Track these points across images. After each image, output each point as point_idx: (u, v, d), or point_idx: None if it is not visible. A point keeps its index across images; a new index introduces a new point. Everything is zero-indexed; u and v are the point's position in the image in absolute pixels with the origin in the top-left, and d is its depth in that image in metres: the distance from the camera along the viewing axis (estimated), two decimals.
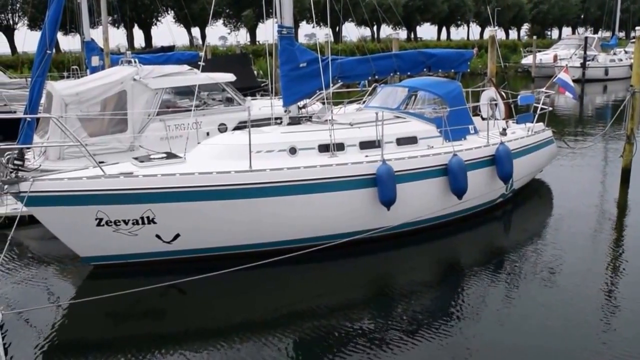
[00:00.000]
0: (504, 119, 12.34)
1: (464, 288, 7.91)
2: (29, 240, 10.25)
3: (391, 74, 11.40)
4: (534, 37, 57.18)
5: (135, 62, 12.71)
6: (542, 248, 9.31)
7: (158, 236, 8.55)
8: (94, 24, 22.25)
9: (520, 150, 11.30)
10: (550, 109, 12.74)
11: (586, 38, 41.64)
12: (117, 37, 42.35)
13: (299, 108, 10.76)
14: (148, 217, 8.33)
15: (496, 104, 12.24)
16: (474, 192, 10.08)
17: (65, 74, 24.04)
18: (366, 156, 9.35)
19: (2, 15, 44.49)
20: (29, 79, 20.45)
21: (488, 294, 7.68)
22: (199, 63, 11.25)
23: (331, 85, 10.34)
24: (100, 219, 8.23)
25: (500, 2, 66.18)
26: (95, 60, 18.61)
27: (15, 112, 16.80)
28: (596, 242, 9.55)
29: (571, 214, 10.95)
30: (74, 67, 23.28)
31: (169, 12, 51.69)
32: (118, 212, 8.23)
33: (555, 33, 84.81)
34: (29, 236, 10.28)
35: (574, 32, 78.84)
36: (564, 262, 8.68)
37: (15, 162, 9.08)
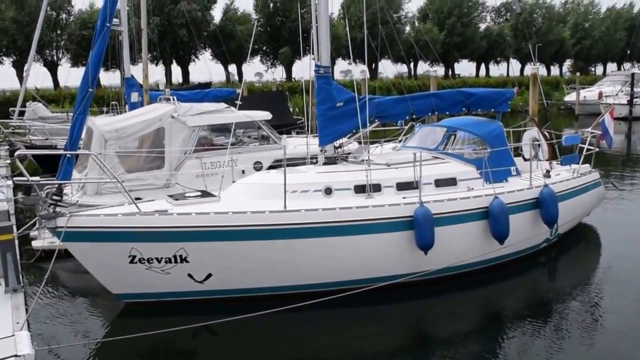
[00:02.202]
0: (547, 160, 11.94)
1: (506, 337, 7.53)
2: (65, 273, 10.30)
3: (429, 114, 11.20)
4: (577, 73, 56.11)
5: (173, 99, 12.89)
6: (588, 297, 8.85)
7: (190, 275, 8.46)
8: (134, 60, 22.84)
9: (566, 193, 10.86)
10: (597, 149, 12.27)
11: (633, 74, 40.44)
12: (155, 73, 43.61)
13: (335, 147, 10.65)
14: (181, 256, 8.26)
15: (539, 145, 11.87)
16: (516, 236, 9.68)
17: (105, 109, 24.64)
18: (403, 198, 9.11)
19: (47, 52, 46.16)
20: (70, 114, 21.01)
21: (531, 343, 7.29)
22: (237, 102, 11.29)
23: (368, 124, 10.21)
24: (134, 256, 8.22)
25: (542, 37, 65.37)
26: (134, 97, 19.00)
27: (56, 146, 17.27)
28: None
29: (620, 261, 10.40)
30: (113, 102, 23.88)
31: (207, 49, 52.88)
32: (152, 250, 8.19)
33: (599, 69, 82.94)
34: (64, 269, 10.32)
35: (619, 68, 76.76)
36: (612, 312, 8.19)
37: (54, 197, 9.17)
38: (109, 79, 35.50)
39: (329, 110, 10.08)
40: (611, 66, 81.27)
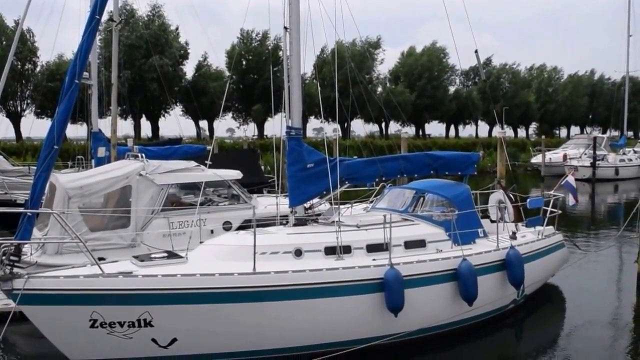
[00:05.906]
0: (513, 222, 12.11)
1: None
2: (19, 338, 9.73)
3: (398, 176, 11.35)
4: (543, 136, 57.84)
5: (142, 156, 12.71)
6: (556, 358, 8.88)
7: (154, 340, 8.13)
8: (102, 114, 22.24)
9: (531, 255, 10.98)
10: (560, 212, 12.52)
11: (595, 138, 41.96)
12: (124, 127, 42.62)
13: (306, 208, 10.63)
14: (145, 320, 7.95)
15: (505, 207, 12.06)
16: (484, 298, 9.68)
17: (70, 163, 23.77)
18: (373, 260, 9.06)
19: (11, 102, 45.01)
20: (32, 167, 20.14)
21: None
22: (206, 162, 11.18)
23: (338, 186, 10.26)
24: (95, 320, 7.85)
25: (508, 101, 67.59)
26: (101, 152, 18.54)
27: (15, 200, 16.63)
28: (612, 352, 9.14)
29: (585, 322, 10.57)
30: (79, 156, 23.05)
31: (178, 104, 52.30)
32: (114, 314, 7.87)
33: (563, 132, 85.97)
34: (18, 333, 9.71)
35: (582, 132, 79.77)
36: None
37: (11, 257, 8.78)
38: (76, 131, 33.85)
39: (300, 172, 10.13)
40: (575, 129, 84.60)
